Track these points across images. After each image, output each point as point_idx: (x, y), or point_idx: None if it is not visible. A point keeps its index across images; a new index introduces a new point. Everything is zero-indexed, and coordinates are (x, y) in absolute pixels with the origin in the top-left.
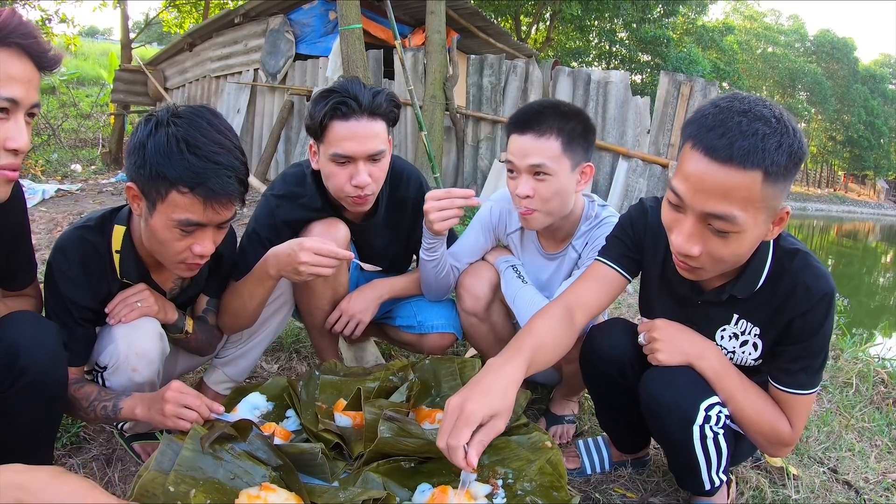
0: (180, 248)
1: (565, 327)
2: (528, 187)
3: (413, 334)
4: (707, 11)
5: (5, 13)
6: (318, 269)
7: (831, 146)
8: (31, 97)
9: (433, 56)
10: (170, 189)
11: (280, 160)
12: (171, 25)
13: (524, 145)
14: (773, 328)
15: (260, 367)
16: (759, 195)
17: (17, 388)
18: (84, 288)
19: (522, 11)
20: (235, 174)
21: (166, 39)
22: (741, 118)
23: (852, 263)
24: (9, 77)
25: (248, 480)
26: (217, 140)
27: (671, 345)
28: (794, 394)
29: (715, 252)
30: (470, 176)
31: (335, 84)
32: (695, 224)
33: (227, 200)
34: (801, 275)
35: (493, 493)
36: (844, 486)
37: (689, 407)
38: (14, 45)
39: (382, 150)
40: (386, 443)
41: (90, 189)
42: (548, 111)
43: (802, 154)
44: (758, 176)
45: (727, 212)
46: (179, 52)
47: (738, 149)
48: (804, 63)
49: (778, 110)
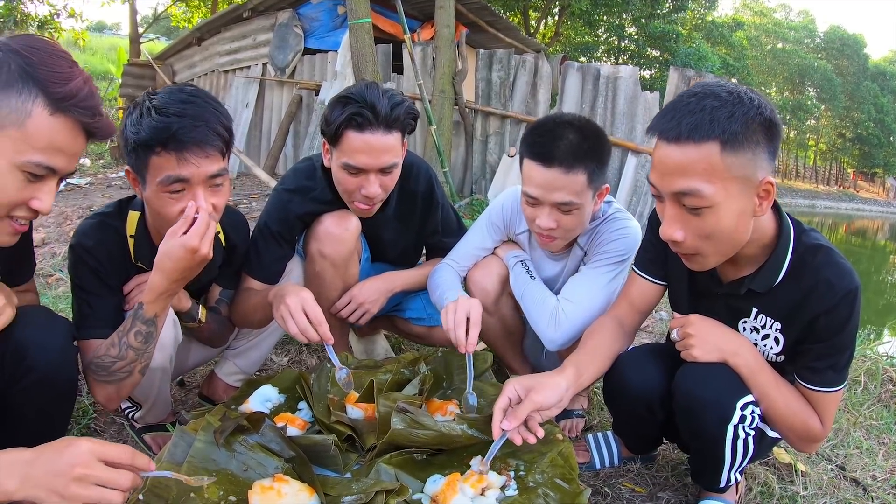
0: (174, 214)
1: (617, 334)
2: (551, 220)
3: (422, 327)
4: (716, 7)
5: (76, 81)
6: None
7: (840, 143)
8: (70, 167)
9: (442, 50)
10: (148, 154)
11: (288, 154)
12: (180, 20)
13: (551, 180)
14: (796, 325)
15: (270, 359)
16: (721, 165)
17: (25, 385)
18: (109, 264)
19: (531, 6)
20: (206, 124)
21: (174, 34)
22: (690, 99)
23: (861, 262)
24: (55, 147)
25: (261, 472)
26: (185, 100)
27: (705, 341)
28: (823, 391)
29: (698, 232)
30: (478, 170)
31: (354, 90)
32: (672, 208)
33: (201, 151)
34: (824, 271)
35: (505, 484)
36: (852, 483)
37: (726, 405)
38: (72, 118)
39: (395, 163)
40: (399, 434)
41: (99, 183)
42: (573, 139)
43: (762, 120)
44: (714, 147)
45: (691, 186)
46: (188, 46)
47: (686, 125)
48: (814, 59)
49: (734, 87)
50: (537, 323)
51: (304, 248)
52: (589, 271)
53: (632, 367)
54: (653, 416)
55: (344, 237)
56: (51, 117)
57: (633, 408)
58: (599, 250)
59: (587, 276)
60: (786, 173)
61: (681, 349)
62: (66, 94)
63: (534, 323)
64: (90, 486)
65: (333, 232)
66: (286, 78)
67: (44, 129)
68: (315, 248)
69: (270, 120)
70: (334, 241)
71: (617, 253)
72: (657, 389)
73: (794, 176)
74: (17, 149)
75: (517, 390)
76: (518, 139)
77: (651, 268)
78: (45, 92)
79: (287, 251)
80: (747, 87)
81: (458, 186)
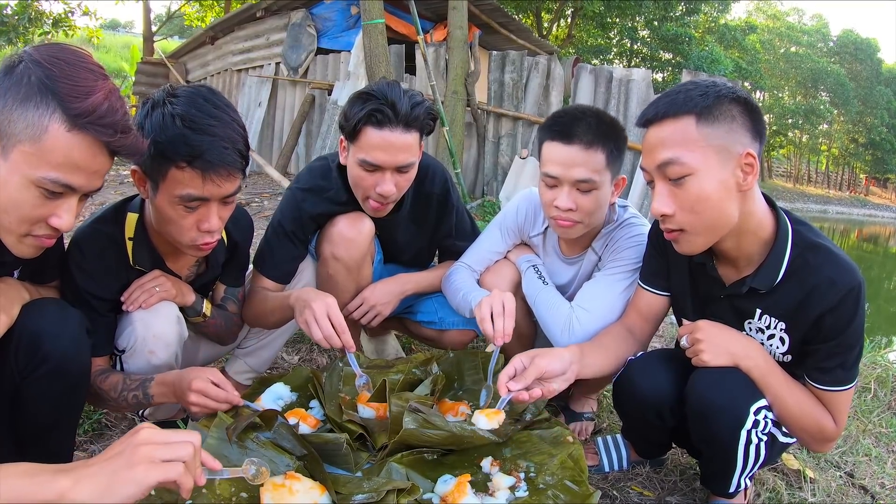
0: (187, 226)
1: (626, 337)
2: (570, 200)
3: (434, 330)
4: (729, 10)
5: (97, 97)
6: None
7: (853, 148)
8: (91, 185)
9: (455, 52)
10: (169, 166)
11: (300, 154)
12: (193, 19)
13: (571, 156)
14: (800, 324)
15: (280, 357)
16: (697, 135)
17: (39, 375)
18: (101, 280)
19: (543, 8)
20: (233, 146)
21: (188, 33)
22: (670, 89)
23: (872, 268)
24: (73, 165)
25: (273, 469)
26: (213, 114)
27: (715, 345)
28: (834, 391)
29: (684, 204)
30: (490, 172)
31: (375, 87)
32: (659, 184)
33: (227, 172)
34: (826, 269)
35: (515, 485)
36: (860, 490)
37: (740, 410)
38: (91, 136)
39: (412, 163)
40: (410, 434)
41: (111, 180)
42: (592, 121)
43: (735, 97)
44: (690, 119)
45: (672, 156)
46: (201, 45)
47: (663, 104)
48: (827, 63)
49: (715, 78)
50: (550, 329)
51: (316, 250)
52: (603, 278)
53: (642, 373)
54: (662, 423)
55: (357, 240)
56: (68, 133)
57: (643, 414)
58: (615, 257)
59: (602, 283)
60: (798, 178)
61: (691, 356)
62: (85, 110)
63: (547, 328)
64: (155, 462)
65: (347, 235)
66: (299, 77)
67: (60, 145)
68: (328, 250)
69: (283, 119)
70: (347, 244)
71: (632, 260)
72: (667, 396)
73: (806, 181)
74: (32, 164)
75: (522, 361)
76: (530, 141)
77: (655, 280)
78: (62, 107)
79: (300, 251)
80: (730, 80)
81: (470, 188)
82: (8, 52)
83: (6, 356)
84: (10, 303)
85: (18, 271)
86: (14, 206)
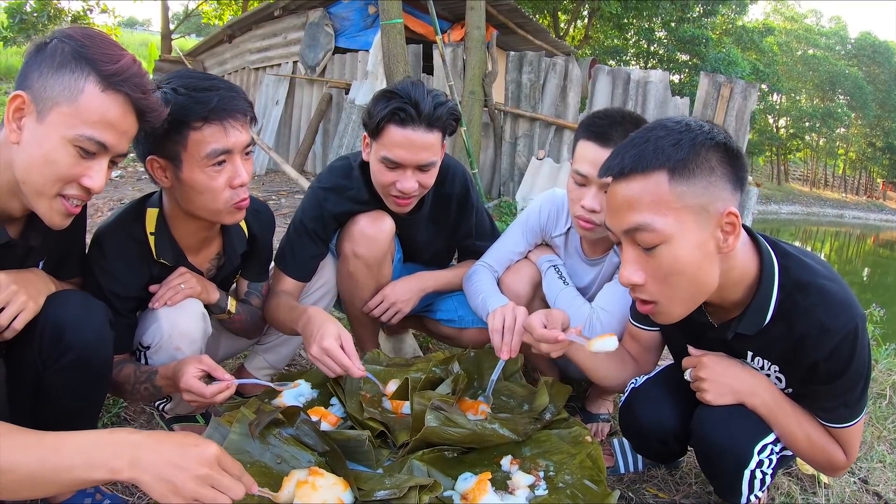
0: (220, 188)
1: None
2: (596, 201)
3: (453, 328)
4: (747, 12)
5: (126, 59)
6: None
7: (870, 152)
8: (121, 146)
9: (472, 52)
10: (187, 131)
11: (317, 152)
12: (211, 17)
13: (604, 159)
14: (795, 369)
15: (299, 354)
16: (670, 195)
17: (62, 365)
18: (123, 279)
19: (560, 8)
20: (238, 93)
21: (205, 31)
22: (637, 135)
23: (889, 273)
24: (106, 122)
25: (295, 465)
26: (207, 76)
27: (718, 384)
28: (840, 427)
29: (657, 273)
30: (507, 172)
31: (399, 86)
32: (628, 250)
33: (242, 117)
34: (817, 313)
35: (535, 483)
36: (874, 496)
37: (743, 452)
38: (123, 94)
39: (433, 162)
40: (432, 432)
41: (129, 176)
42: (630, 127)
43: (713, 144)
44: (661, 176)
45: (641, 221)
46: (219, 43)
47: (630, 158)
48: (844, 66)
49: (685, 118)
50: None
51: (337, 248)
52: None
53: (644, 404)
54: (667, 448)
55: (378, 238)
56: (102, 94)
57: (648, 441)
58: None
59: None
60: (814, 182)
61: (695, 390)
62: (117, 70)
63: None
64: (208, 487)
65: (368, 232)
66: (316, 76)
67: (95, 104)
68: (349, 248)
69: (300, 118)
70: (368, 242)
71: None
72: (671, 426)
73: (822, 185)
74: (69, 123)
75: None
76: (547, 142)
77: (644, 319)
78: (96, 70)
79: (321, 249)
80: (706, 121)
81: (487, 188)
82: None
83: (30, 345)
84: (37, 292)
85: (43, 263)
86: (50, 166)
